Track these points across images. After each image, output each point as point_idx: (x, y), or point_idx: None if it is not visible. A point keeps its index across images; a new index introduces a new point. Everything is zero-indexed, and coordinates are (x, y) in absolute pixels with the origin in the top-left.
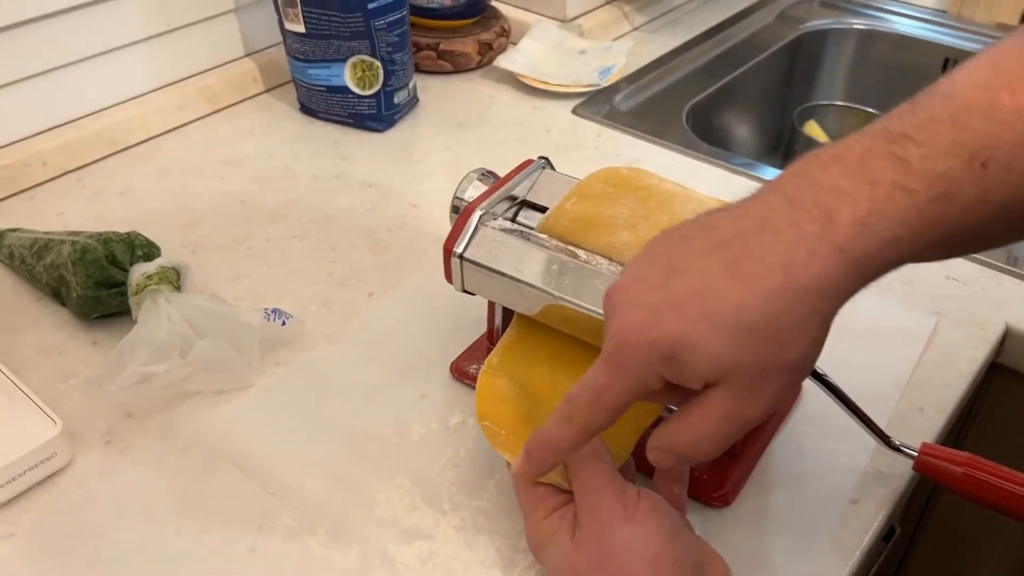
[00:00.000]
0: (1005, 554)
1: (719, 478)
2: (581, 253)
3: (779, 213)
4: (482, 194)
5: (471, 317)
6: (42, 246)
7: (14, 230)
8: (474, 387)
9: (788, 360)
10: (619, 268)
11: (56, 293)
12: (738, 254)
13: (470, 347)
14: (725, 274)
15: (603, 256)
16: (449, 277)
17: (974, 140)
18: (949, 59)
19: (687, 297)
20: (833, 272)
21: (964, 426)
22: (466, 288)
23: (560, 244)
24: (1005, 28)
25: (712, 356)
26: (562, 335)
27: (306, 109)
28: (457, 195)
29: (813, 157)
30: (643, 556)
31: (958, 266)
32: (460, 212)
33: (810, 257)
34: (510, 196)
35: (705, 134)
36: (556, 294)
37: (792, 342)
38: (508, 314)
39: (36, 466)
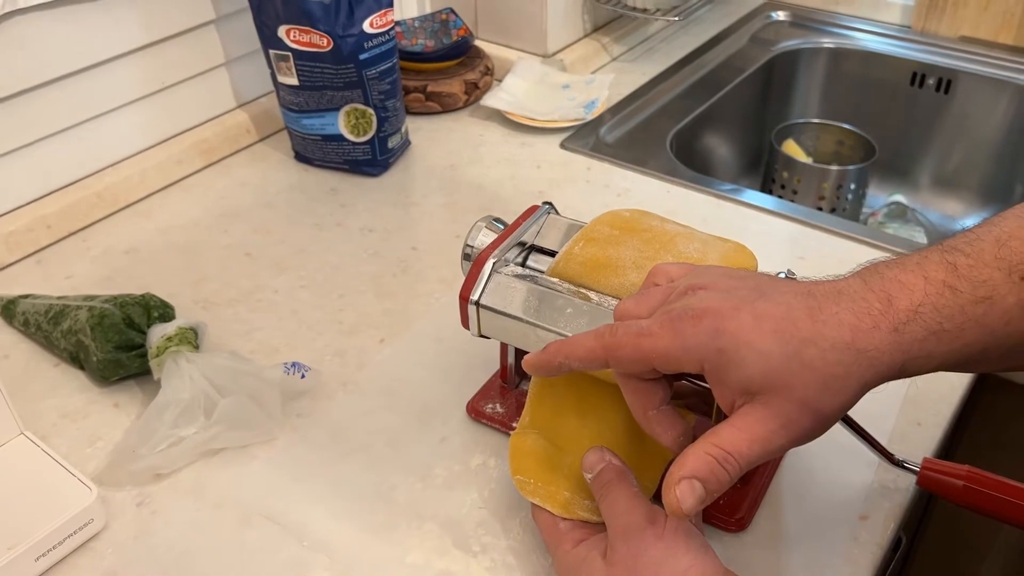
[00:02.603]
0: (1000, 553)
1: (734, 502)
2: (593, 295)
3: (854, 289)
4: (492, 241)
5: (483, 357)
6: (58, 312)
7: (26, 296)
8: (491, 426)
9: (825, 408)
10: None
11: (74, 358)
12: (819, 304)
13: (484, 386)
14: (805, 314)
15: (614, 297)
16: (466, 323)
17: (1013, 257)
18: (916, 72)
19: (768, 314)
20: (886, 348)
21: (957, 434)
22: (483, 333)
23: (572, 287)
24: (968, 41)
25: (768, 368)
26: (583, 378)
27: (301, 157)
28: (468, 243)
29: (881, 261)
30: (675, 571)
31: None
32: (473, 260)
33: (873, 329)
34: (519, 242)
35: (688, 158)
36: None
37: (834, 393)
38: (520, 353)
39: (74, 533)
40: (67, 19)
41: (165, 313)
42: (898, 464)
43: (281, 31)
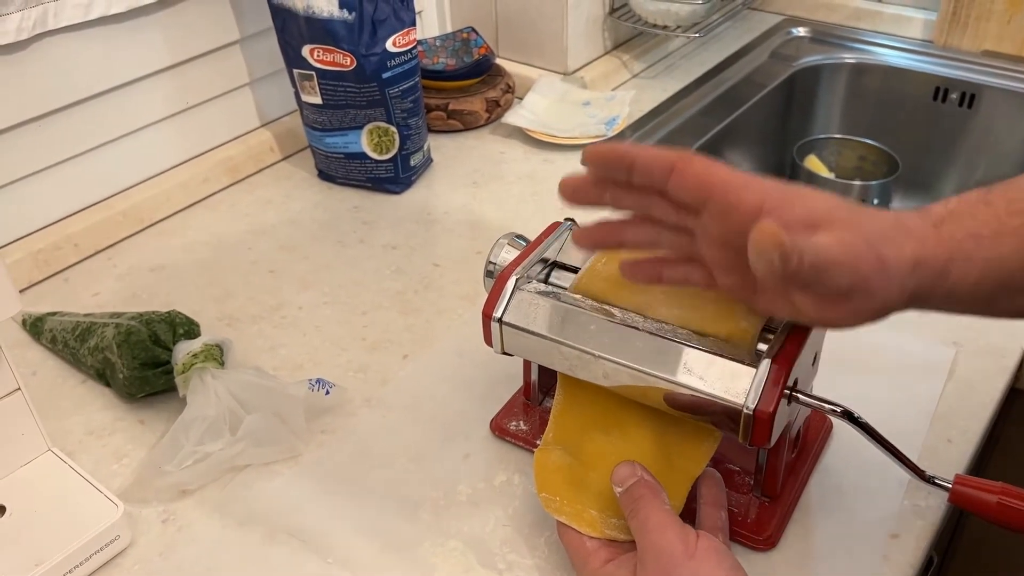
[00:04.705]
0: None
1: (763, 521)
2: (616, 312)
3: (904, 215)
4: (515, 258)
5: (505, 373)
6: (84, 329)
7: (53, 314)
8: (515, 444)
9: (886, 254)
10: (655, 325)
11: (101, 375)
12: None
13: (507, 403)
14: (852, 206)
15: (638, 314)
16: (489, 340)
17: None
18: (939, 87)
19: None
20: (929, 236)
21: (987, 450)
22: (506, 350)
23: (595, 304)
24: (991, 55)
25: (834, 207)
26: (608, 394)
27: (324, 175)
28: (490, 260)
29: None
30: None
31: None
32: (496, 277)
33: (915, 221)
34: (542, 259)
35: None
36: (597, 353)
37: (895, 247)
38: (544, 370)
39: (101, 549)
40: (95, 40)
41: (190, 330)
42: (929, 481)
43: (305, 51)
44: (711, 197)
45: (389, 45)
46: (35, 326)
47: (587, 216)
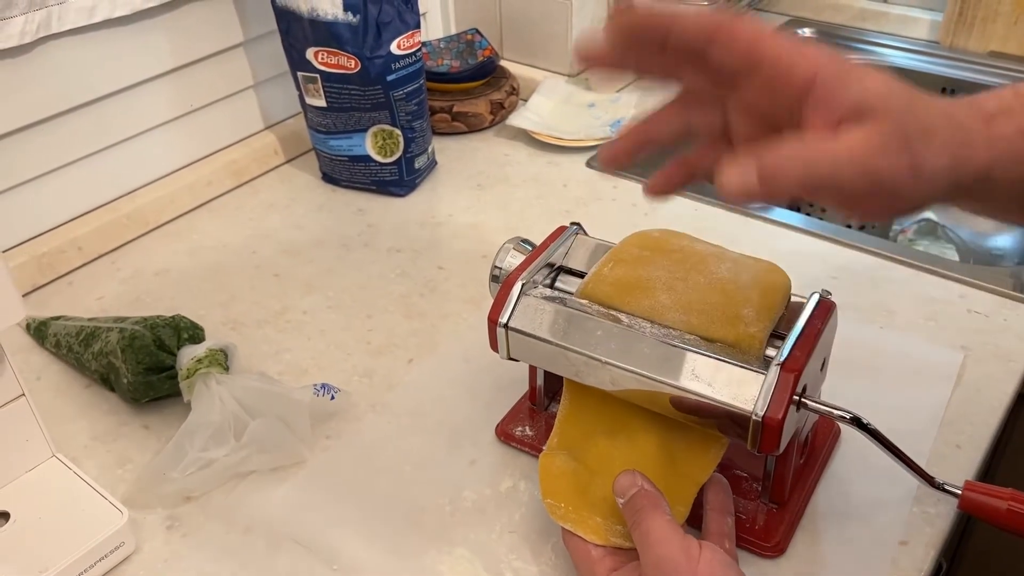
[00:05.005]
0: None
1: (770, 527)
2: (623, 317)
3: (957, 106)
4: (521, 263)
5: (511, 378)
6: (89, 334)
7: (57, 318)
8: (521, 449)
9: (920, 156)
10: (662, 330)
11: (105, 379)
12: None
13: (513, 409)
14: (907, 88)
15: (645, 319)
16: (495, 346)
17: None
18: (946, 88)
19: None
20: (978, 130)
21: (995, 455)
22: (512, 356)
23: (602, 309)
24: (998, 56)
25: (885, 94)
26: (614, 400)
27: (328, 178)
28: (496, 264)
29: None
30: None
31: (979, 299)
32: (502, 282)
33: (965, 113)
34: (548, 263)
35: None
36: (604, 359)
37: (934, 148)
38: (550, 375)
39: (106, 556)
40: (99, 44)
41: (195, 335)
42: (939, 487)
43: (309, 53)
44: (759, 65)
45: (393, 48)
46: (39, 330)
47: (591, 219)
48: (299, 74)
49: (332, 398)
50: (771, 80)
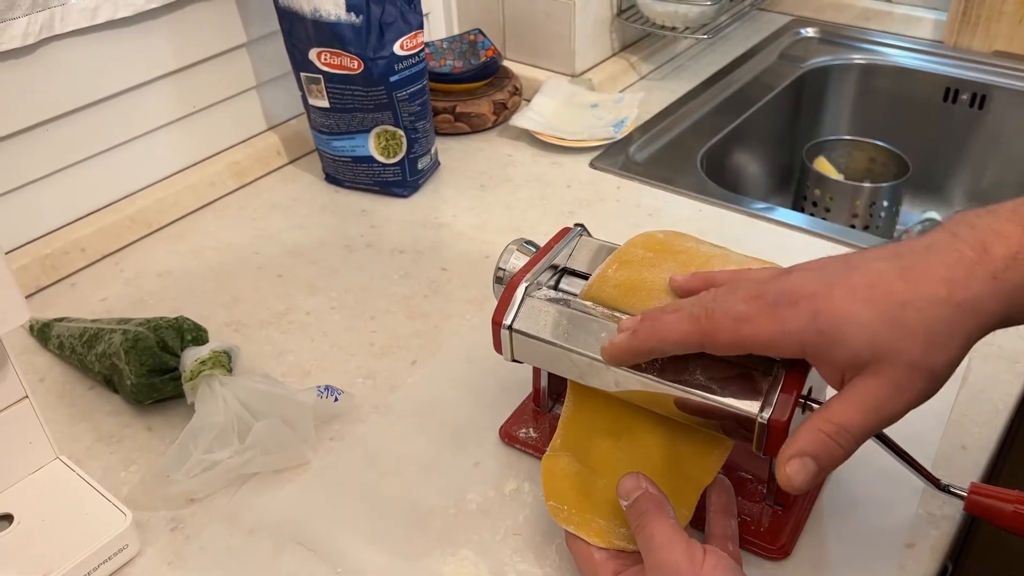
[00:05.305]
0: None
1: (776, 529)
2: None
3: (944, 243)
4: (525, 265)
5: (514, 379)
6: (92, 335)
7: (61, 320)
8: (524, 451)
9: (934, 365)
10: None
11: (108, 381)
12: (910, 264)
13: (517, 410)
14: (897, 276)
15: None
16: (498, 348)
17: None
18: (950, 88)
19: (861, 285)
20: (986, 296)
21: (1000, 456)
22: (516, 358)
23: (606, 311)
24: (1002, 56)
25: (871, 339)
26: (617, 401)
27: (331, 179)
28: (500, 266)
29: (970, 211)
30: None
31: None
32: (506, 284)
33: (968, 279)
34: (551, 265)
35: (719, 176)
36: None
37: (941, 350)
38: (554, 377)
39: (109, 559)
40: (101, 45)
41: (198, 336)
42: (944, 489)
43: (312, 54)
44: (752, 351)
45: (396, 48)
46: (42, 332)
47: (595, 220)
48: (302, 75)
49: (336, 400)
50: (774, 353)
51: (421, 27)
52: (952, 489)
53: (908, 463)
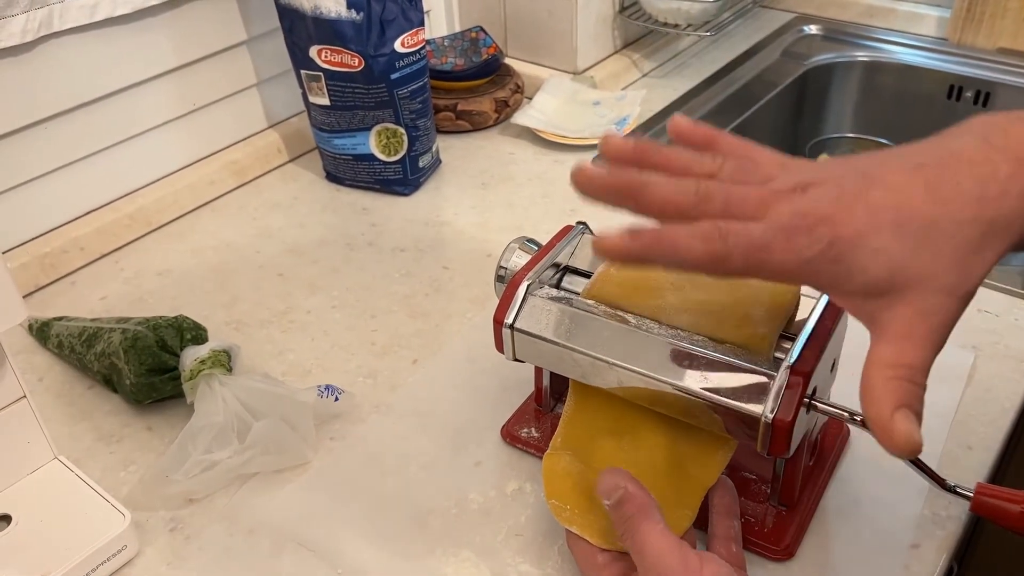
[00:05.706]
0: None
1: (780, 530)
2: (630, 318)
3: (974, 149)
4: (527, 263)
5: (516, 378)
6: (91, 334)
7: (60, 319)
8: (526, 451)
9: (969, 285)
10: (670, 331)
11: (108, 380)
12: (937, 176)
13: (518, 410)
14: (923, 193)
15: (652, 319)
16: (500, 347)
17: None
18: (954, 85)
19: (884, 206)
20: (1018, 215)
21: (1006, 456)
22: (518, 357)
23: (608, 309)
24: (1007, 53)
25: (895, 266)
26: (620, 400)
27: (332, 177)
28: (501, 264)
29: (1000, 114)
30: None
31: (990, 298)
32: (507, 282)
33: (1002, 196)
34: (554, 263)
35: None
36: (611, 360)
37: (973, 269)
38: (555, 376)
39: (108, 560)
40: (101, 42)
41: (198, 335)
42: (950, 490)
43: (312, 51)
44: (766, 279)
45: (397, 45)
46: (41, 331)
47: (596, 217)
48: (302, 72)
49: (336, 399)
50: (789, 282)
51: (422, 24)
52: (958, 489)
53: (913, 463)
